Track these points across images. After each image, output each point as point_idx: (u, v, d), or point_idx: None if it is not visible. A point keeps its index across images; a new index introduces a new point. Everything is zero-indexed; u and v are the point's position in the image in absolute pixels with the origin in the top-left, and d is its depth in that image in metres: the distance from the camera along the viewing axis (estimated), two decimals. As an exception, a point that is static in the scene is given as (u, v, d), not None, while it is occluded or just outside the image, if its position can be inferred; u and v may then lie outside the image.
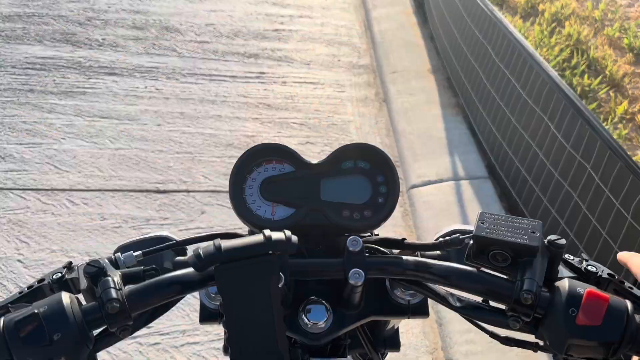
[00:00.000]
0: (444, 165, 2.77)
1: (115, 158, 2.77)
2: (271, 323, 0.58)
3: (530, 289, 0.56)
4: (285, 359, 0.59)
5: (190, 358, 1.88)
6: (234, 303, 0.57)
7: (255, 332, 0.58)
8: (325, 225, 0.73)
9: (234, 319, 0.58)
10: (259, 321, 0.58)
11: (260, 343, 0.58)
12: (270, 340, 0.58)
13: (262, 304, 0.58)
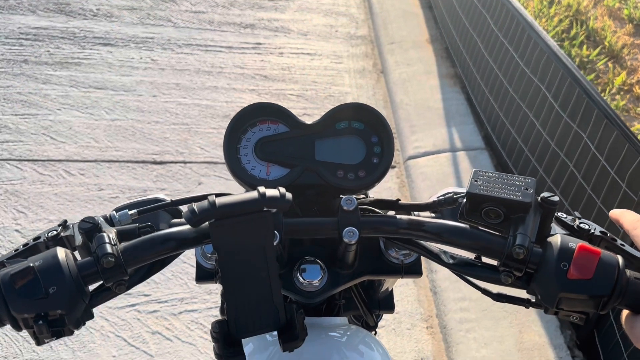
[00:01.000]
0: (441, 137, 2.77)
1: (111, 129, 2.76)
2: (266, 279, 0.59)
3: (522, 244, 0.56)
4: (281, 315, 0.60)
5: (188, 325, 1.90)
6: (229, 259, 0.58)
7: (250, 288, 0.59)
8: (320, 185, 0.73)
9: (229, 276, 0.58)
10: (254, 277, 0.58)
11: (255, 299, 0.59)
12: (266, 296, 0.59)
13: (257, 261, 0.58)
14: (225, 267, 0.58)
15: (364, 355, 0.72)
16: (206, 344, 1.85)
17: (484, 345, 1.85)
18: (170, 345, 1.83)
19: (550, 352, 1.81)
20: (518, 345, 1.84)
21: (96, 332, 1.85)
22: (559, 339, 1.86)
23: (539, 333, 1.87)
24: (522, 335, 1.87)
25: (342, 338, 0.75)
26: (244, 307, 0.59)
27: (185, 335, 1.87)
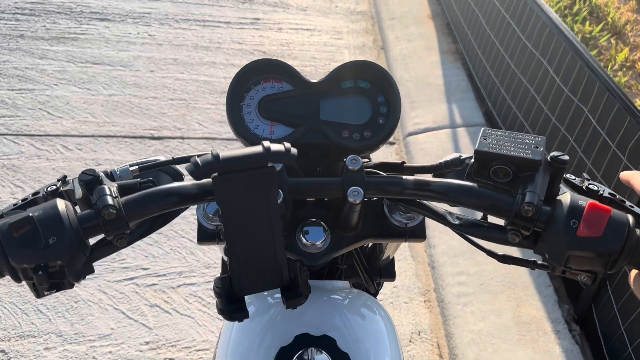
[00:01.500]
0: (441, 113, 2.75)
1: (109, 104, 2.73)
2: (269, 236, 0.58)
3: (531, 201, 0.55)
4: (284, 272, 0.59)
5: (187, 298, 1.90)
6: (231, 215, 0.57)
7: (253, 245, 0.58)
8: (324, 145, 0.72)
9: (232, 232, 0.57)
10: (257, 234, 0.58)
11: (258, 256, 0.58)
12: (269, 253, 0.58)
13: (261, 217, 0.57)
14: (228, 223, 0.57)
15: (366, 318, 0.72)
16: (205, 317, 1.86)
17: (481, 318, 1.86)
18: (169, 317, 1.84)
19: (547, 326, 1.82)
20: (515, 319, 1.85)
21: (94, 305, 1.85)
22: (556, 313, 1.86)
23: (537, 307, 1.88)
24: (520, 309, 1.88)
25: (344, 301, 0.74)
26: (246, 264, 0.58)
27: (184, 308, 1.87)
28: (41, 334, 1.76)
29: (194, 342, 1.78)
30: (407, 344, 1.84)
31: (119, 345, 1.75)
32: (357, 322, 0.71)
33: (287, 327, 0.68)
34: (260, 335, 0.68)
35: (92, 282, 1.92)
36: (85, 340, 1.75)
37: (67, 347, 1.73)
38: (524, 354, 1.74)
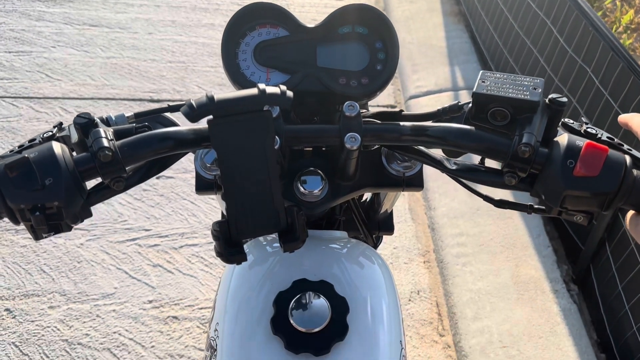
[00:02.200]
0: (443, 75, 2.72)
1: (107, 67, 2.71)
2: (266, 181, 0.58)
3: (528, 142, 0.55)
4: (281, 216, 0.59)
5: (189, 259, 1.92)
6: (228, 160, 0.57)
7: (250, 189, 0.58)
8: (321, 93, 0.71)
9: (229, 177, 0.57)
10: (255, 179, 0.58)
11: (256, 201, 0.58)
12: (266, 197, 0.58)
13: (257, 162, 0.57)
14: (224, 168, 0.57)
15: (364, 266, 0.73)
16: (207, 276, 1.88)
17: (480, 278, 1.88)
18: (172, 277, 1.86)
19: (546, 285, 1.84)
20: (514, 278, 1.87)
21: (97, 265, 1.87)
22: (555, 273, 1.88)
23: (535, 267, 1.90)
24: (519, 269, 1.89)
25: (342, 249, 0.75)
26: (244, 208, 0.58)
27: (186, 268, 1.89)
28: (45, 293, 1.78)
29: (196, 300, 1.80)
30: (407, 302, 1.87)
31: (123, 303, 1.77)
32: (354, 269, 0.71)
33: (285, 273, 0.69)
34: (259, 281, 0.69)
35: (94, 242, 1.94)
36: (88, 299, 1.78)
37: (70, 305, 1.76)
38: (522, 312, 1.76)
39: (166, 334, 1.71)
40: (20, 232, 1.95)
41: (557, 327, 1.72)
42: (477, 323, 1.75)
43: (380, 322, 0.67)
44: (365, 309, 0.67)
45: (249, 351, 0.63)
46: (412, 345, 1.75)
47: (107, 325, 1.71)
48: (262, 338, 0.64)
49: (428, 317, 1.83)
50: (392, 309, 0.70)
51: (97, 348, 1.66)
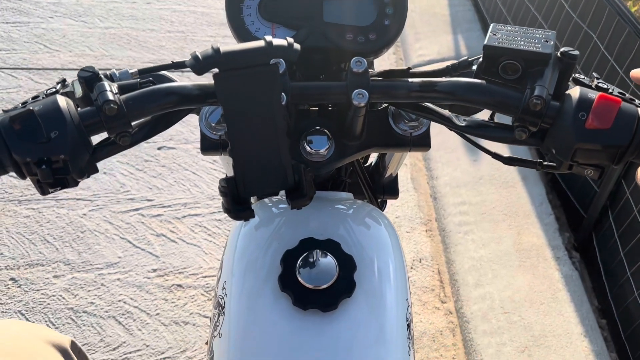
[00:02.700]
0: (446, 44, 2.69)
1: (106, 37, 2.67)
2: (273, 137, 0.57)
3: (540, 95, 0.54)
4: (289, 174, 0.59)
5: (192, 228, 1.93)
6: (234, 115, 0.56)
7: (257, 146, 0.57)
8: (328, 49, 0.70)
9: (236, 133, 0.56)
10: (261, 135, 0.57)
11: (263, 158, 0.58)
12: (273, 154, 0.58)
13: (264, 118, 0.56)
14: (231, 123, 0.56)
15: (370, 226, 0.72)
16: (210, 246, 1.89)
17: (482, 246, 1.89)
18: (175, 246, 1.87)
19: (548, 253, 1.85)
20: (516, 246, 1.87)
21: (101, 235, 1.88)
22: (557, 240, 1.89)
23: (537, 235, 1.91)
24: (521, 236, 1.90)
25: (348, 210, 0.75)
26: (251, 165, 0.58)
27: (190, 238, 1.90)
28: (49, 263, 1.79)
29: (200, 269, 1.81)
30: (409, 270, 1.88)
31: (127, 272, 1.78)
32: (361, 229, 0.71)
33: (292, 232, 0.69)
34: (266, 241, 0.69)
35: (97, 212, 1.94)
36: (93, 269, 1.79)
37: (75, 274, 1.77)
38: (524, 279, 1.77)
39: (171, 302, 1.72)
40: (23, 203, 1.96)
41: (558, 293, 1.74)
42: (478, 290, 1.76)
43: (387, 279, 0.67)
44: (372, 267, 0.67)
45: (257, 308, 0.64)
46: (414, 311, 1.76)
47: (112, 294, 1.73)
48: (270, 295, 0.64)
49: (430, 285, 1.84)
50: (398, 268, 0.70)
51: (102, 316, 1.67)
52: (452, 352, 1.66)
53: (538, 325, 1.66)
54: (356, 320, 0.62)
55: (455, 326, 1.73)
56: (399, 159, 0.90)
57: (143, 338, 1.63)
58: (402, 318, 0.66)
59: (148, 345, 1.62)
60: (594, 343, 1.62)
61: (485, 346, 1.62)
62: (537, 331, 1.64)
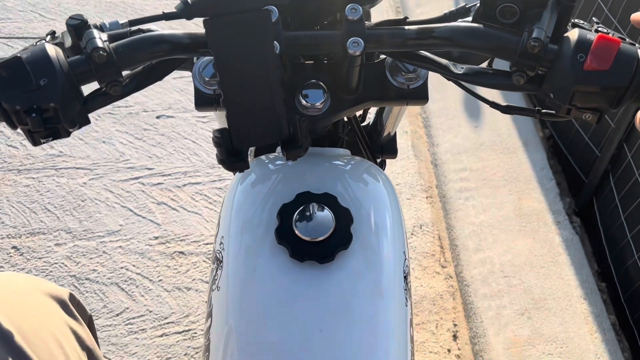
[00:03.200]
0: (448, 8, 2.64)
1: (102, 5, 2.63)
2: (267, 87, 0.56)
3: (538, 37, 0.53)
4: (283, 124, 0.58)
5: (193, 197, 1.93)
6: (227, 63, 0.55)
7: (251, 96, 0.57)
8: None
9: (229, 82, 0.56)
10: (255, 85, 0.56)
11: (257, 108, 0.57)
12: (268, 105, 0.57)
13: (258, 67, 0.55)
14: (223, 72, 0.55)
15: (367, 181, 0.72)
16: (212, 214, 1.89)
17: (483, 211, 1.89)
18: (177, 214, 1.87)
19: (548, 217, 1.85)
20: (517, 211, 1.87)
21: (101, 203, 1.88)
22: (557, 205, 1.89)
23: (538, 200, 1.90)
24: (521, 202, 1.90)
25: (345, 166, 0.74)
26: (245, 116, 0.57)
27: (191, 206, 1.90)
28: (51, 231, 1.80)
29: (202, 236, 1.82)
30: (409, 236, 1.88)
31: (129, 240, 1.79)
32: (358, 183, 0.71)
33: (288, 187, 0.69)
34: (263, 196, 0.69)
35: (97, 181, 1.94)
36: (94, 237, 1.79)
37: (77, 242, 1.78)
38: (524, 243, 1.78)
39: (173, 269, 1.73)
40: (23, 172, 1.96)
41: (558, 257, 1.74)
42: (478, 254, 1.77)
43: (383, 232, 0.67)
44: (369, 220, 0.67)
45: (254, 261, 0.64)
46: (415, 276, 1.77)
47: (114, 261, 1.74)
48: (266, 248, 0.64)
49: (430, 250, 1.85)
50: (395, 222, 0.70)
51: (105, 283, 1.69)
52: (452, 315, 1.68)
53: (538, 289, 1.67)
54: (353, 271, 0.63)
55: (455, 290, 1.74)
56: (397, 115, 0.89)
57: (146, 304, 1.65)
58: (399, 269, 0.66)
59: (151, 310, 1.63)
60: (594, 305, 1.63)
61: (485, 309, 1.63)
62: (537, 294, 1.65)
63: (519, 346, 1.55)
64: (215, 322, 0.64)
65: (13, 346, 0.46)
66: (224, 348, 0.61)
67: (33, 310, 0.51)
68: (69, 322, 0.55)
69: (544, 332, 1.57)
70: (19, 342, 0.47)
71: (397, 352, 0.61)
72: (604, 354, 1.53)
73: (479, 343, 1.58)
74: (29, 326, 0.49)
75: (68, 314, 0.56)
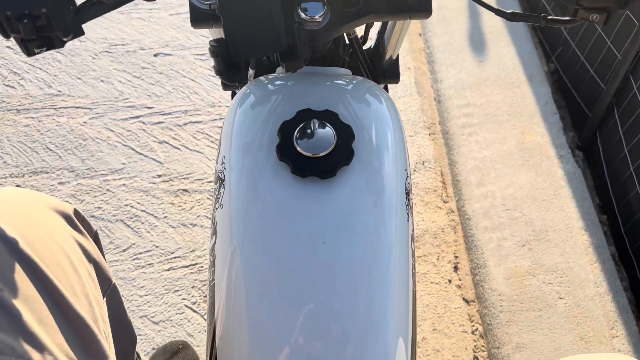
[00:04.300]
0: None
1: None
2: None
3: None
4: (281, 35, 0.56)
5: (194, 135, 1.92)
6: None
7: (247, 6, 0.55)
8: None
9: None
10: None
11: (254, 18, 0.55)
12: (265, 14, 0.55)
13: None
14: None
15: (370, 101, 0.71)
16: (214, 152, 1.89)
17: (485, 147, 1.88)
18: (179, 153, 1.87)
19: (551, 151, 1.84)
20: (519, 145, 1.86)
21: (103, 142, 1.88)
22: (560, 139, 1.88)
23: (542, 134, 1.89)
24: (524, 136, 1.89)
25: (347, 85, 0.73)
26: (242, 27, 0.56)
27: (193, 144, 1.90)
28: (53, 170, 1.81)
29: (205, 174, 1.82)
30: (411, 173, 1.89)
31: (132, 178, 1.80)
32: (359, 101, 0.70)
33: (289, 104, 0.68)
34: (263, 114, 0.68)
35: (97, 120, 1.93)
36: (97, 175, 1.80)
37: (80, 181, 1.79)
38: (526, 177, 1.78)
39: (177, 206, 1.75)
40: (22, 112, 1.94)
41: (560, 190, 1.75)
42: (480, 189, 1.77)
43: (385, 149, 0.67)
44: (371, 137, 0.66)
45: (256, 178, 0.64)
46: (416, 211, 1.79)
47: (119, 199, 1.75)
48: (268, 165, 0.64)
49: (432, 186, 1.85)
50: (397, 140, 0.69)
51: (110, 220, 1.71)
52: (454, 247, 1.70)
53: (539, 221, 1.68)
54: (355, 186, 0.63)
55: (456, 224, 1.76)
56: (399, 36, 0.87)
57: (152, 240, 1.67)
58: (401, 185, 0.66)
59: (157, 246, 1.66)
60: (594, 237, 1.65)
61: (486, 241, 1.65)
62: (538, 226, 1.67)
63: (519, 276, 1.58)
64: (219, 239, 0.64)
65: (19, 253, 0.47)
66: (230, 262, 0.62)
67: (38, 221, 0.52)
68: (74, 235, 0.55)
69: (544, 262, 1.60)
70: (25, 249, 0.47)
71: (399, 263, 0.61)
72: (602, 282, 1.56)
73: (479, 274, 1.61)
74: (35, 235, 0.49)
75: (73, 228, 0.56)
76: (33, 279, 0.46)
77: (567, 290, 1.55)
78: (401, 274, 0.62)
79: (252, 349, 0.59)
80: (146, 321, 1.53)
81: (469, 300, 1.61)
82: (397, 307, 0.61)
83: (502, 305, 1.53)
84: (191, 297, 1.57)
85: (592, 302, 1.53)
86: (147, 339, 1.50)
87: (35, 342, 0.42)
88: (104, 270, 0.61)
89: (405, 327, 0.62)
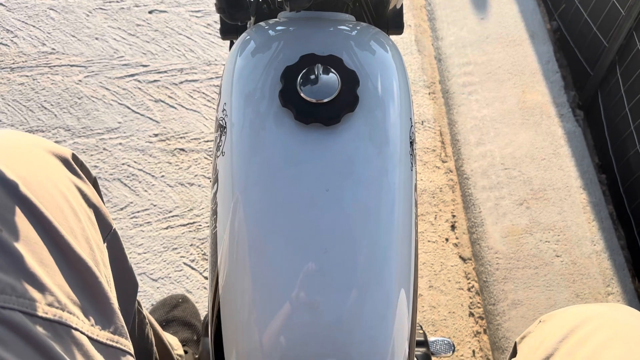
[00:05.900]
0: None
1: None
2: None
3: None
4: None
5: (191, 94, 1.89)
6: None
7: None
8: None
9: None
10: None
11: None
12: None
13: None
14: None
15: (375, 48, 0.69)
16: (211, 111, 1.86)
17: (486, 105, 1.86)
18: (175, 112, 1.85)
19: (552, 110, 1.83)
20: (520, 104, 1.85)
21: (98, 101, 1.85)
22: (561, 98, 1.86)
23: (542, 93, 1.87)
24: (525, 95, 1.87)
25: (351, 32, 0.71)
26: None
27: (189, 104, 1.87)
28: (49, 129, 1.78)
29: (202, 134, 1.81)
30: (411, 132, 1.87)
31: (128, 137, 1.78)
32: (364, 48, 0.68)
33: (291, 50, 0.66)
34: (265, 60, 0.66)
35: (92, 79, 1.89)
36: (93, 134, 1.78)
37: (76, 140, 1.77)
38: (526, 135, 1.77)
39: (175, 165, 1.73)
40: (16, 70, 1.91)
41: (560, 149, 1.74)
42: (480, 148, 1.77)
43: (390, 96, 0.65)
44: (376, 84, 0.65)
45: (258, 124, 0.62)
46: (416, 171, 1.78)
47: (115, 158, 1.74)
48: (270, 111, 0.62)
49: (431, 146, 1.84)
50: (402, 88, 0.68)
51: (107, 179, 1.69)
52: (451, 207, 1.70)
53: (538, 180, 1.68)
54: (359, 133, 0.61)
55: (455, 183, 1.75)
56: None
57: (150, 198, 1.67)
58: (406, 134, 0.65)
59: (155, 204, 1.66)
60: (593, 195, 1.66)
61: (484, 200, 1.65)
62: (537, 185, 1.67)
63: (516, 234, 1.59)
64: (221, 186, 0.64)
65: (19, 196, 0.46)
66: (232, 210, 0.61)
67: (36, 164, 0.50)
68: (73, 179, 0.54)
69: (541, 220, 1.61)
70: (25, 192, 0.46)
71: (402, 213, 0.61)
72: (600, 240, 1.57)
73: (476, 232, 1.62)
74: (34, 178, 0.48)
75: (72, 172, 0.55)
76: (33, 221, 0.45)
77: (564, 248, 1.56)
78: (404, 224, 0.62)
79: (255, 297, 0.59)
80: (145, 278, 1.53)
81: (466, 259, 1.62)
82: (399, 256, 0.61)
83: (499, 263, 1.55)
84: (190, 255, 1.57)
85: (589, 259, 1.54)
86: (147, 295, 1.51)
87: (36, 282, 0.42)
88: (104, 215, 0.60)
89: (407, 278, 0.62)
